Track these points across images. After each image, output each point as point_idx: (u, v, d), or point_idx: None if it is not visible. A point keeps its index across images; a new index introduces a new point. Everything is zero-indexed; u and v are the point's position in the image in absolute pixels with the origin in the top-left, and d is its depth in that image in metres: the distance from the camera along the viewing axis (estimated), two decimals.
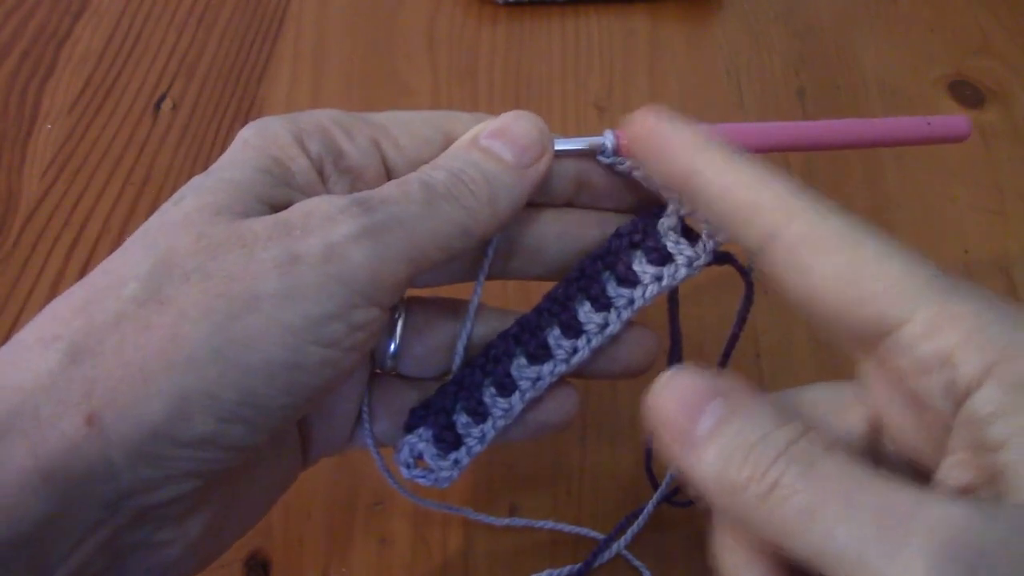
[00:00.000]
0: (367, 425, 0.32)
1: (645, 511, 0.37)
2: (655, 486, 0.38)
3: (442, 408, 0.31)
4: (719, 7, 0.59)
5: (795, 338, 0.45)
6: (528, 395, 0.31)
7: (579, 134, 0.52)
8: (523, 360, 0.31)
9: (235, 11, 0.57)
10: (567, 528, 0.38)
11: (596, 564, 0.37)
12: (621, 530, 0.38)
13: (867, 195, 0.50)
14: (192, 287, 0.24)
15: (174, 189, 0.27)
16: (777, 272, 0.24)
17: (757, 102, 0.54)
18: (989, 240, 0.49)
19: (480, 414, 0.31)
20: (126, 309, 0.23)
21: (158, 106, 0.52)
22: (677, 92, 0.55)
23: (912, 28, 0.58)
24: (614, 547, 0.37)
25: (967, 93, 0.55)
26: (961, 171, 0.52)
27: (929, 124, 0.34)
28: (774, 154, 0.51)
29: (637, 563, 0.38)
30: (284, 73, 0.54)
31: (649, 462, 0.39)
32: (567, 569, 0.37)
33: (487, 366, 0.31)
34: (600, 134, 0.30)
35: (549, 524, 0.38)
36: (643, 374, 0.33)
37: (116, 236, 0.47)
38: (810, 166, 0.51)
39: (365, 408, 0.32)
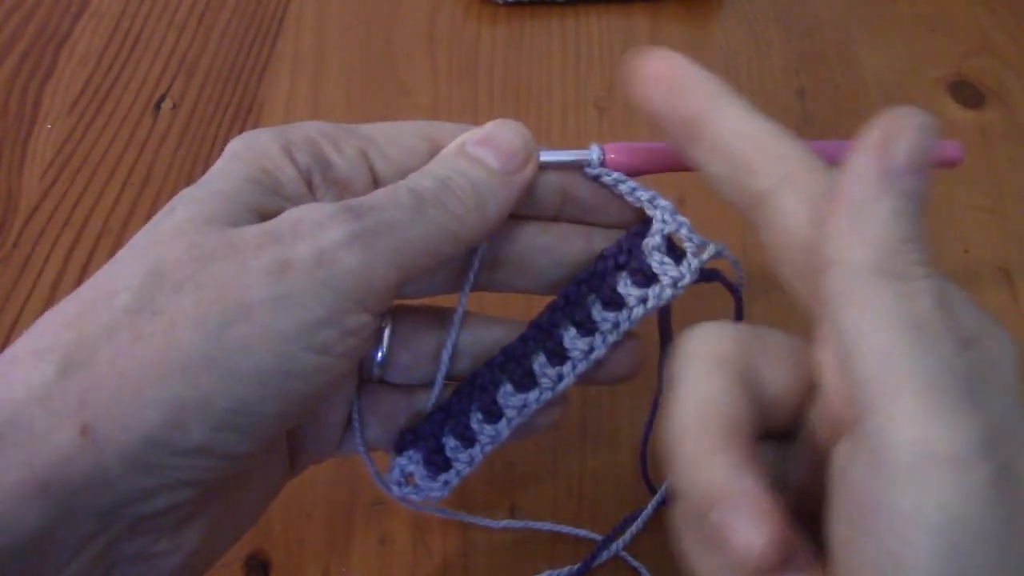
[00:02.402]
0: (358, 433, 0.33)
1: (644, 513, 0.37)
2: (652, 491, 0.38)
3: (431, 434, 0.32)
4: (719, 7, 0.59)
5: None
6: (515, 422, 0.32)
7: (579, 134, 0.52)
8: (509, 387, 0.31)
9: (235, 11, 0.57)
10: (565, 529, 0.38)
11: (595, 564, 0.37)
12: (619, 531, 0.38)
13: None
14: (184, 297, 0.24)
15: (174, 189, 0.27)
16: (773, 222, 0.24)
17: (757, 102, 0.53)
18: (989, 240, 0.49)
19: (468, 439, 0.32)
20: (119, 320, 0.24)
21: (158, 106, 0.52)
22: None
23: (912, 28, 0.58)
24: (613, 547, 0.37)
25: (967, 93, 0.55)
26: (961, 171, 0.51)
27: None
28: None
29: (635, 563, 0.38)
30: (284, 73, 0.54)
31: (644, 467, 0.39)
32: (567, 570, 0.37)
33: (473, 393, 0.32)
34: (589, 145, 0.31)
35: (547, 525, 0.38)
36: (628, 381, 0.33)
37: (116, 236, 0.47)
38: None
39: (356, 416, 0.32)
